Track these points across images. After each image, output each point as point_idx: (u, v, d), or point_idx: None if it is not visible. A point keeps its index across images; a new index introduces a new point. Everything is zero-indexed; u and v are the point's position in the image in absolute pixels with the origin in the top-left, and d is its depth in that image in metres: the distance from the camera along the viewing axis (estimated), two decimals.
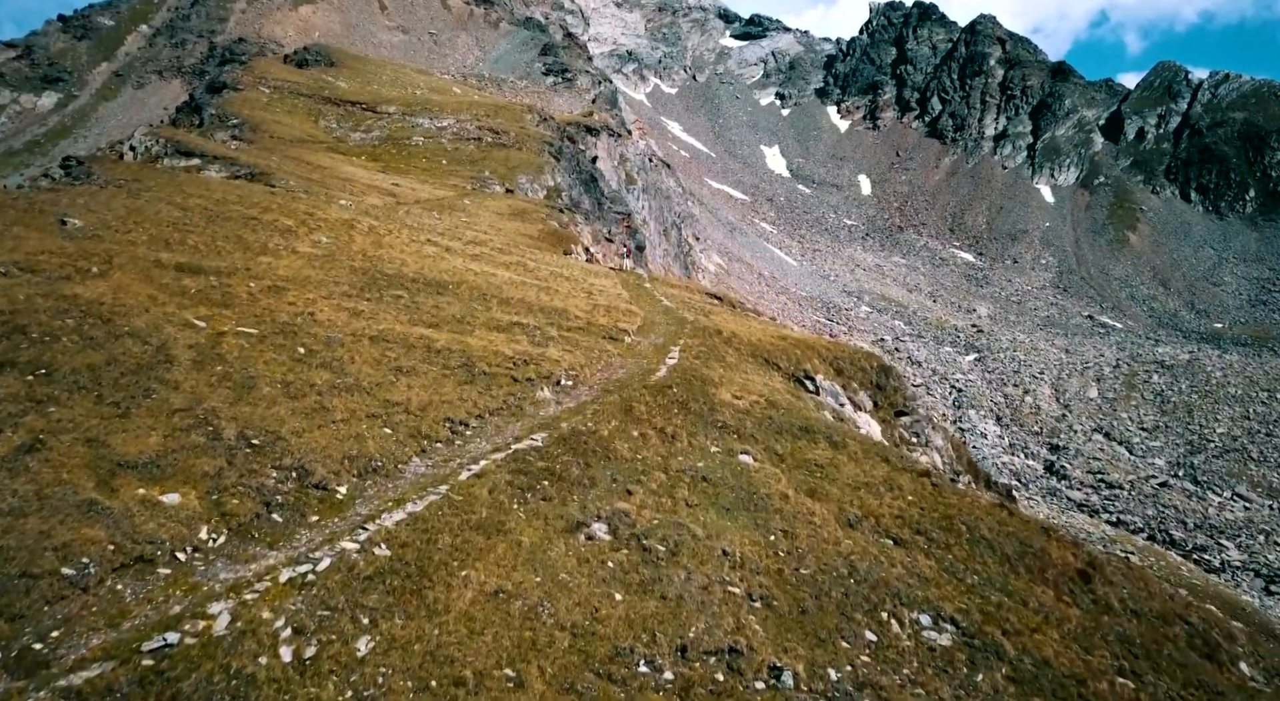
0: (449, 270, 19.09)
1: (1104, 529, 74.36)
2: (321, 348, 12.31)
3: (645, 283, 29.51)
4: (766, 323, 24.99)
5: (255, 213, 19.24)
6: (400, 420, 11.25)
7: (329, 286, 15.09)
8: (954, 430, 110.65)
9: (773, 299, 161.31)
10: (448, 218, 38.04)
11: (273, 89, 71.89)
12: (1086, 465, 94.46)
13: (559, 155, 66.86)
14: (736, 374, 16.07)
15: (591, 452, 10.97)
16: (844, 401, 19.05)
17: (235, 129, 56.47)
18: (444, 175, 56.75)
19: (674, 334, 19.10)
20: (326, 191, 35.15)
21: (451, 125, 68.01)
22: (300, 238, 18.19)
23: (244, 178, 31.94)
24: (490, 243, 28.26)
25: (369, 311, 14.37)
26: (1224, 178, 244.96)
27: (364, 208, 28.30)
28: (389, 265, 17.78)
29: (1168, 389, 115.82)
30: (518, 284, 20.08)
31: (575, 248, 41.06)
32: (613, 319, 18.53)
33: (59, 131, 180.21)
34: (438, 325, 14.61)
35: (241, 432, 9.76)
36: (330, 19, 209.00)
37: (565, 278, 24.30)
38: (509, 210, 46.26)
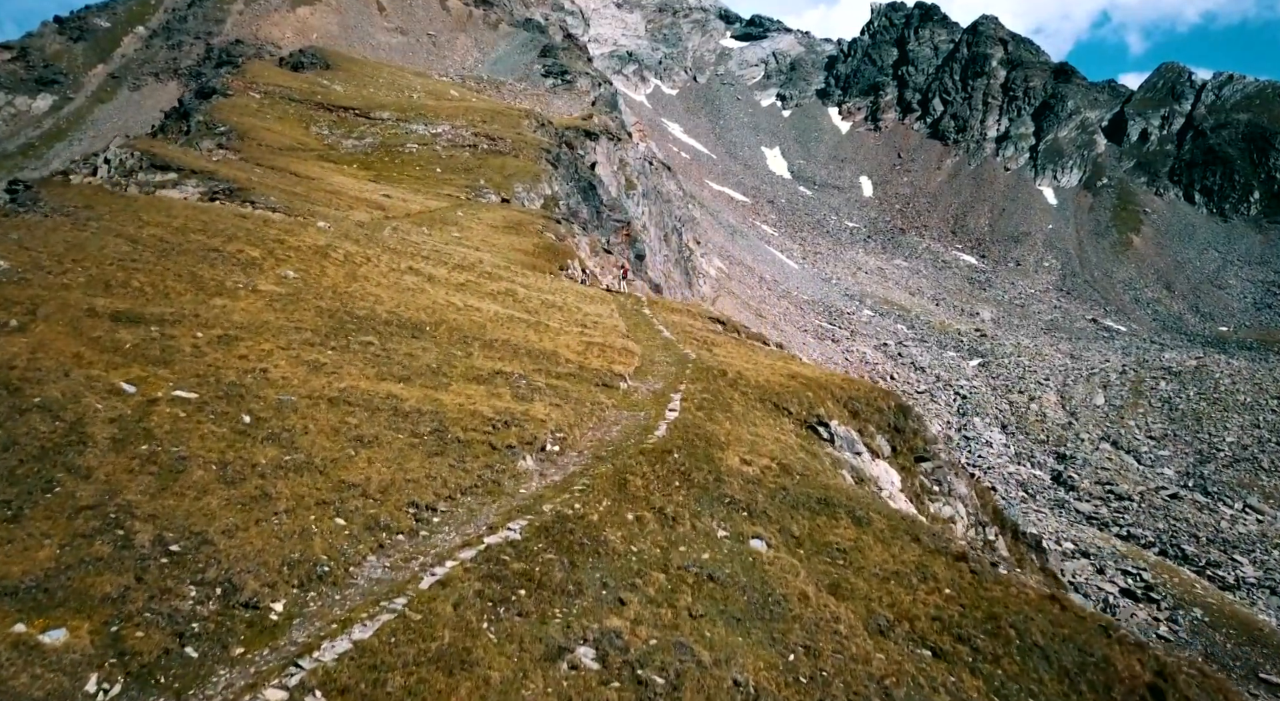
0: (428, 307, 17.45)
1: (1114, 543, 72.71)
2: (271, 414, 10.72)
3: (644, 308, 27.84)
4: (774, 355, 23.38)
5: (218, 243, 17.65)
6: (356, 507, 9.64)
7: (289, 334, 13.50)
8: (958, 437, 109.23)
9: (774, 303, 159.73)
10: (438, 233, 36.41)
11: (264, 94, 70.15)
12: (1095, 475, 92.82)
13: (557, 162, 65.20)
14: (744, 426, 14.49)
15: (578, 546, 9.40)
16: (860, 449, 17.48)
17: (223, 137, 54.80)
18: (438, 184, 55.06)
19: (675, 376, 17.48)
20: (310, 205, 33.51)
21: (447, 131, 66.28)
22: (265, 272, 16.55)
23: (221, 193, 30.34)
24: (479, 266, 26.58)
25: (332, 364, 12.79)
26: (1228, 179, 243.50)
27: (344, 229, 26.64)
28: (361, 304, 16.15)
29: (1175, 396, 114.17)
30: (504, 320, 18.46)
31: (572, 262, 39.44)
32: (607, 360, 16.94)
33: (54, 134, 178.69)
34: (409, 379, 13.00)
35: (159, 536, 8.15)
36: (328, 20, 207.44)
37: (558, 307, 22.65)
38: (504, 222, 44.57)
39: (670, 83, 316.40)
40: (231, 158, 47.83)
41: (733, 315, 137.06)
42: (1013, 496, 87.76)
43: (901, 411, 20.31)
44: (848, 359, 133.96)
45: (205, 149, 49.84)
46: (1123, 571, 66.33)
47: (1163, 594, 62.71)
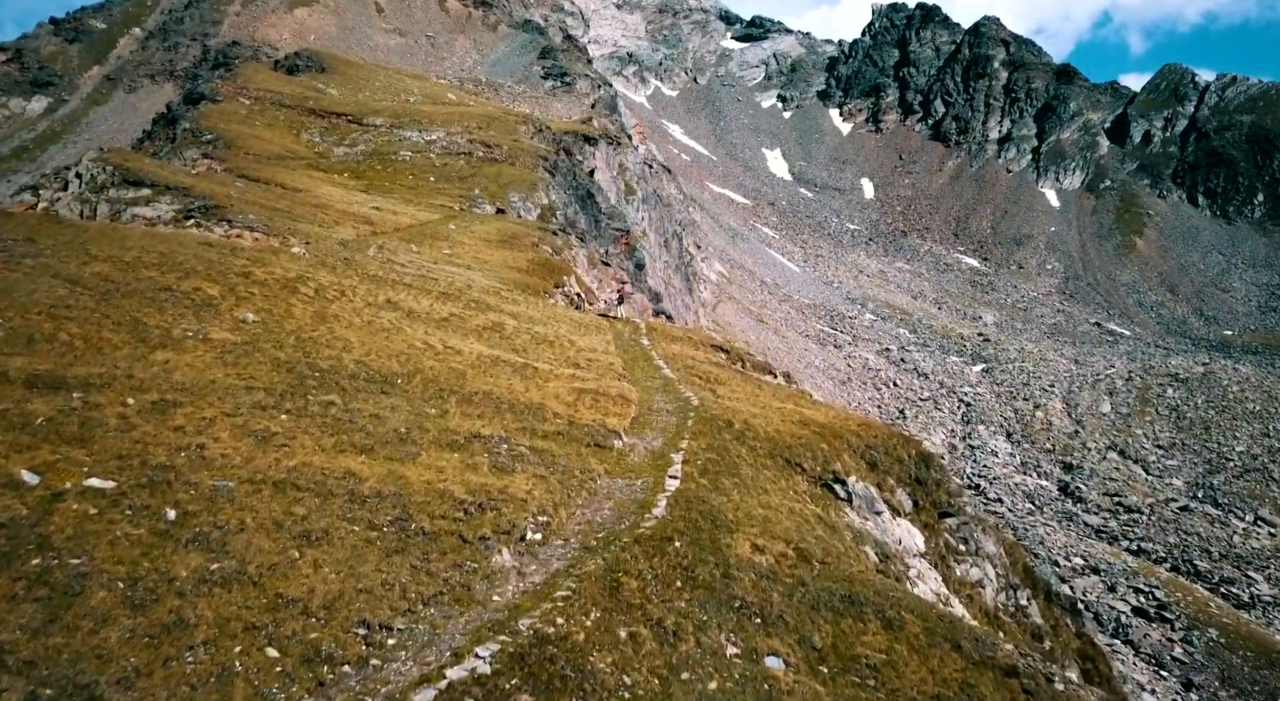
0: (403, 352, 15.78)
1: (1125, 559, 71.05)
2: (202, 507, 9.10)
3: (642, 337, 26.08)
4: (782, 393, 21.72)
5: (172, 280, 15.93)
6: (294, 632, 7.99)
7: (238, 395, 11.88)
8: (962, 446, 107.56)
9: (775, 307, 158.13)
10: (427, 250, 34.74)
11: (254, 100, 68.43)
12: (1102, 486, 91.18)
13: (554, 170, 63.56)
14: (754, 495, 12.90)
15: (560, 681, 7.80)
16: (880, 507, 15.87)
17: (209, 145, 53.07)
18: (431, 194, 53.38)
19: (676, 429, 15.84)
20: (292, 223, 31.82)
21: (441, 138, 64.60)
22: (221, 315, 14.86)
23: (196, 211, 28.70)
24: (466, 293, 24.89)
25: (284, 433, 11.17)
26: (1232, 182, 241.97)
27: (323, 252, 24.97)
28: (326, 352, 14.50)
29: (1183, 404, 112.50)
30: (488, 364, 16.81)
31: (568, 278, 37.79)
32: (600, 412, 15.32)
33: (49, 137, 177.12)
34: (372, 448, 11.37)
35: (32, 695, 6.53)
36: (326, 21, 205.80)
37: (548, 342, 21.00)
38: (498, 235, 42.89)
39: (670, 84, 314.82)
40: (216, 168, 46.21)
41: (734, 321, 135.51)
42: (1019, 508, 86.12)
43: (923, 461, 18.69)
44: (850, 365, 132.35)
45: (190, 158, 48.21)
46: (1135, 589, 64.68)
47: (1176, 613, 61.06)
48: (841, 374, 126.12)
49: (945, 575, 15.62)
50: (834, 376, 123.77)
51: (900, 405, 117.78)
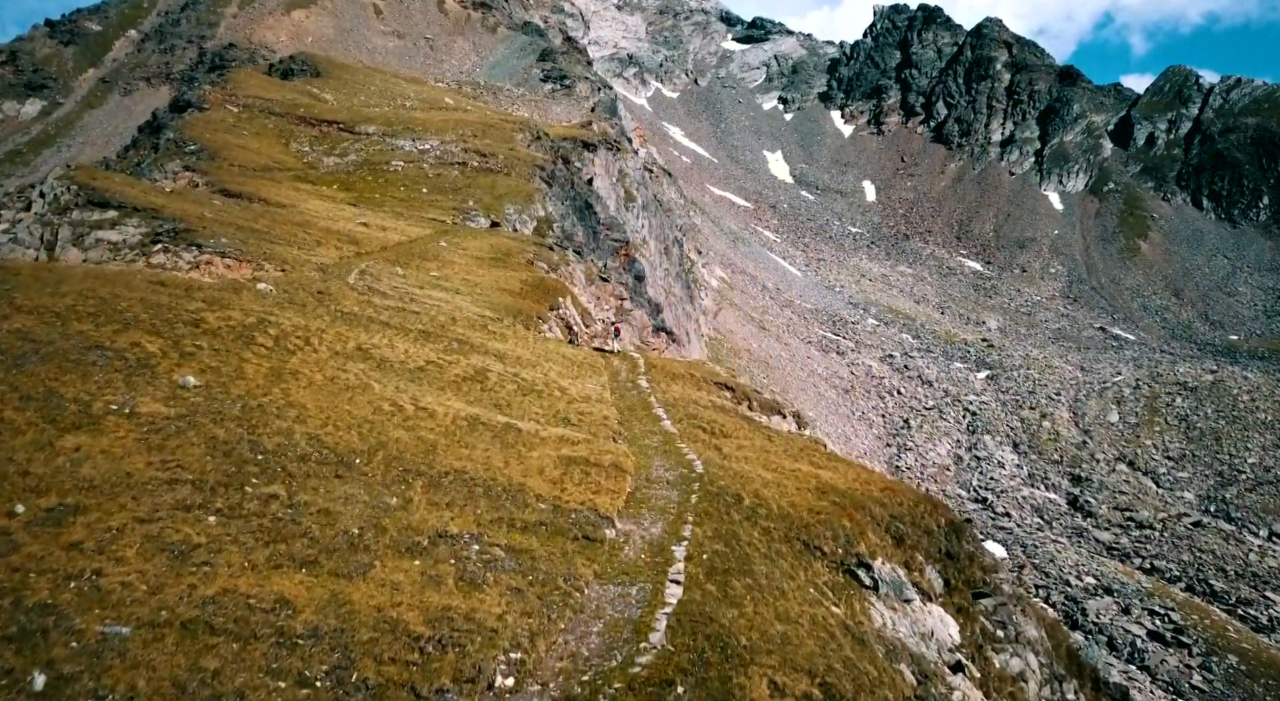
0: (367, 419, 13.83)
1: (1139, 578, 69.13)
2: (83, 668, 7.08)
3: (640, 377, 24.06)
4: (794, 445, 19.83)
5: (107, 334, 13.98)
6: None
7: (158, 493, 9.94)
8: (968, 457, 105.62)
9: (777, 313, 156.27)
10: (414, 273, 32.74)
11: (242, 107, 66.43)
12: (1112, 499, 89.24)
13: (551, 180, 61.64)
14: (769, 602, 11.05)
15: None
16: (910, 594, 14.03)
17: (192, 156, 51.03)
18: (423, 206, 51.36)
19: (678, 509, 13.97)
20: (269, 245, 29.82)
21: (435, 147, 62.61)
22: (157, 378, 13.01)
23: (165, 236, 26.79)
24: (450, 329, 22.92)
25: (208, 545, 9.23)
26: (1236, 184, 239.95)
27: (295, 285, 22.97)
28: (276, 424, 12.56)
29: (1192, 413, 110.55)
30: (464, 428, 14.92)
31: (563, 299, 35.89)
32: (591, 489, 13.44)
33: (42, 140, 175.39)
34: (315, 561, 9.48)
35: None
36: (323, 23, 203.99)
37: (536, 392, 19.06)
38: (491, 252, 40.92)
39: (671, 85, 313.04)
40: (198, 180, 44.25)
41: (736, 329, 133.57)
42: (1028, 523, 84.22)
43: (953, 531, 16.82)
44: (853, 372, 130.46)
45: (171, 170, 46.28)
46: (1149, 611, 62.76)
47: (1194, 637, 59.15)
48: (845, 382, 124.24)
49: (984, 670, 13.81)
50: (837, 385, 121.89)
51: (904, 414, 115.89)
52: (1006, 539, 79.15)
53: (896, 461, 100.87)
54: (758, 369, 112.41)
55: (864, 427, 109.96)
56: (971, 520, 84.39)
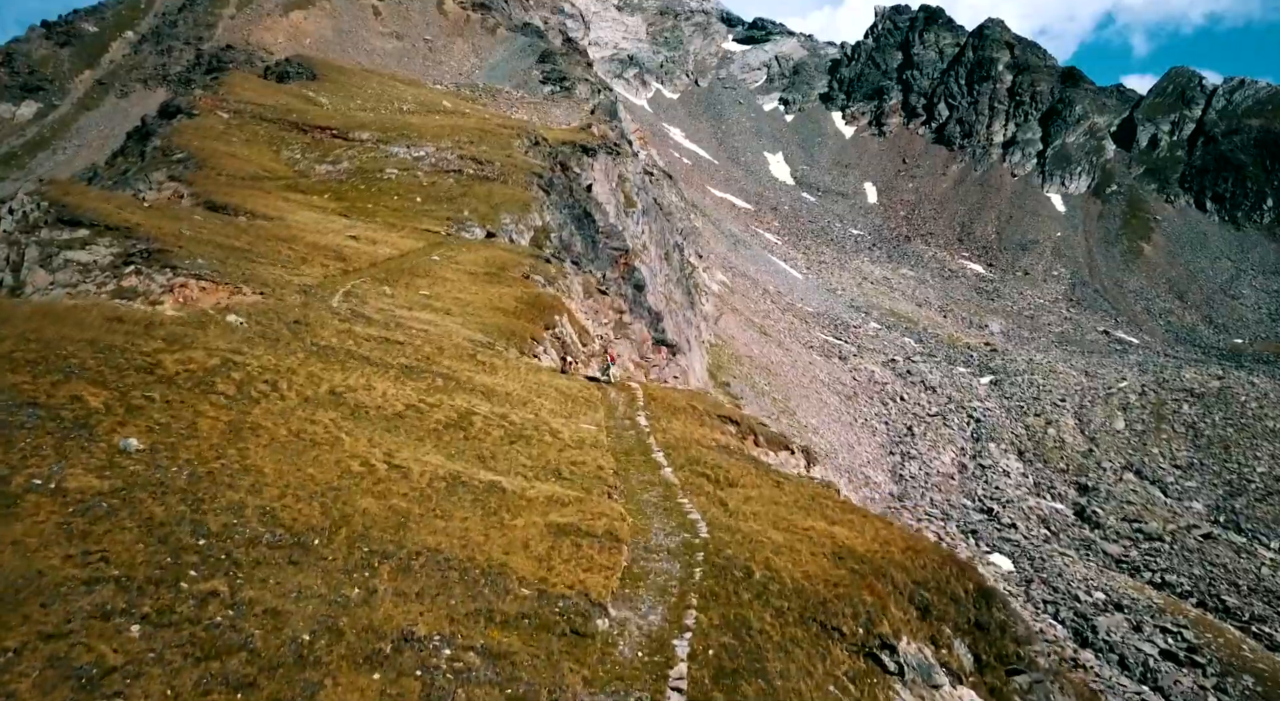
0: (332, 485, 12.43)
1: (1149, 593, 67.72)
2: None
3: (639, 413, 22.51)
4: (806, 494, 18.37)
5: (46, 385, 12.55)
6: None
7: (73, 598, 8.27)
8: (973, 465, 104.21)
9: (779, 318, 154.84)
10: (402, 292, 31.25)
11: (233, 113, 64.84)
12: (1120, 510, 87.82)
13: (549, 188, 60.20)
14: None
15: None
16: (939, 679, 12.67)
17: (179, 165, 49.47)
18: (416, 216, 49.84)
19: (680, 588, 12.54)
20: (249, 265, 28.37)
21: (430, 154, 61.05)
22: (95, 442, 11.58)
23: (138, 256, 25.38)
24: (436, 361, 21.45)
25: (124, 668, 7.40)
26: (1240, 186, 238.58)
27: (269, 314, 21.45)
28: (227, 496, 11.07)
29: (1200, 420, 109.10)
30: (443, 491, 13.49)
31: (560, 317, 34.45)
32: (582, 566, 12.02)
33: (38, 143, 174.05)
34: (253, 684, 7.94)
35: None
36: (322, 25, 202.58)
37: (525, 438, 17.59)
38: (485, 265, 39.43)
39: (671, 86, 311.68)
40: (183, 191, 42.76)
41: (737, 334, 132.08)
42: (1035, 535, 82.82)
43: (983, 598, 15.42)
44: (856, 378, 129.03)
45: (155, 180, 44.80)
46: (1162, 629, 61.36)
47: (1208, 657, 57.73)
48: (847, 388, 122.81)
49: None
50: (840, 391, 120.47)
51: (908, 422, 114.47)
52: (1014, 551, 77.78)
53: (900, 470, 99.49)
54: (759, 375, 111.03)
55: (867, 435, 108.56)
56: (978, 531, 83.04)
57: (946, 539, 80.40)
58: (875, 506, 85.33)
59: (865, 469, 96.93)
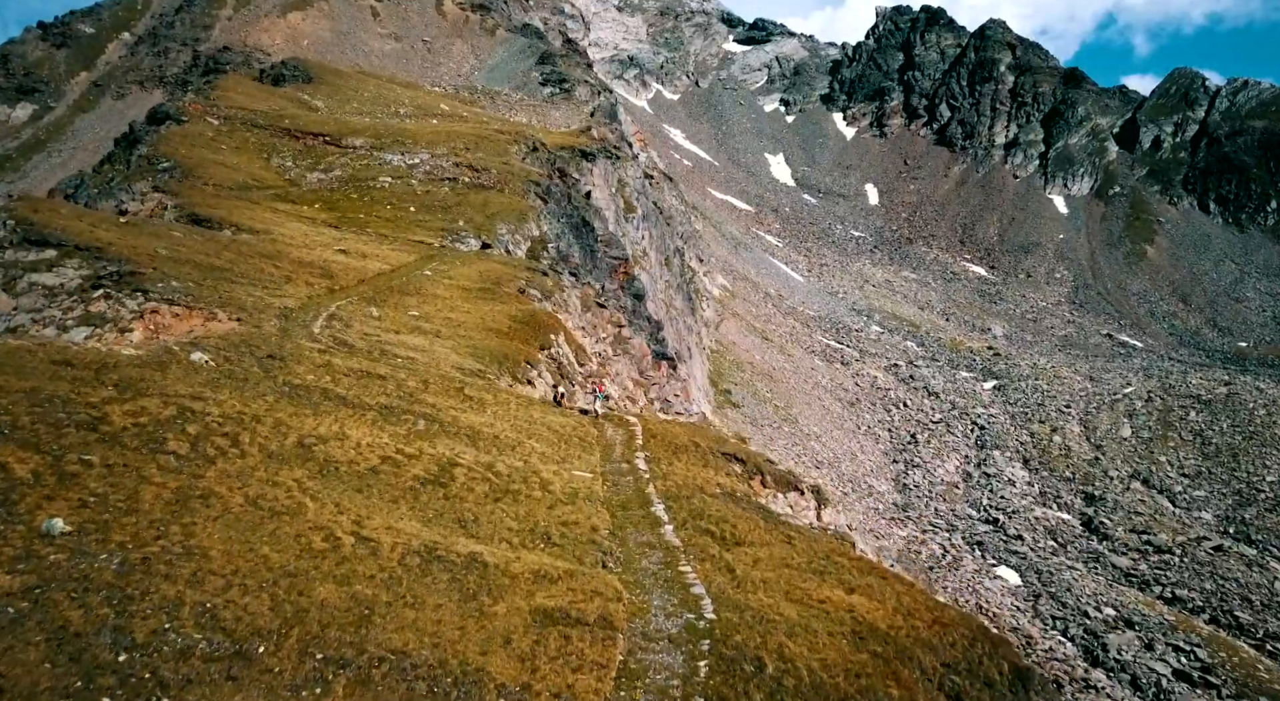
0: (287, 571, 10.95)
1: (1161, 610, 66.24)
2: None
3: (637, 454, 20.96)
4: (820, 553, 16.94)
5: None
6: None
7: None
8: (978, 474, 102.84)
9: (780, 322, 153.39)
10: (390, 313, 29.72)
11: (223, 120, 63.31)
12: (1128, 521, 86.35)
13: (547, 195, 58.74)
14: None
15: None
16: None
17: (165, 174, 47.91)
18: (410, 227, 48.37)
19: (682, 688, 11.08)
20: (227, 287, 26.90)
21: (425, 162, 59.55)
22: (14, 522, 10.10)
23: (108, 279, 23.87)
24: (419, 399, 19.96)
25: None
26: (1244, 188, 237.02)
27: (236, 353, 19.84)
28: (162, 590, 9.57)
29: (1207, 428, 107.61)
30: (415, 571, 11.97)
31: (555, 337, 32.96)
32: (570, 665, 10.50)
33: (33, 145, 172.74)
34: None
35: None
36: (320, 26, 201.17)
37: (512, 494, 16.06)
38: (479, 280, 37.92)
39: (672, 87, 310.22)
40: (166, 203, 41.26)
41: (738, 340, 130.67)
42: (1042, 546, 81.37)
43: (1019, 680, 13.91)
44: (858, 384, 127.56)
45: (138, 191, 43.31)
46: (1174, 647, 59.89)
47: (1222, 677, 56.27)
48: (850, 394, 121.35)
49: None
50: (842, 397, 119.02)
51: (912, 429, 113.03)
52: (1020, 564, 76.34)
53: (904, 478, 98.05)
54: (761, 382, 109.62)
55: (870, 442, 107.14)
56: (983, 543, 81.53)
57: (952, 551, 79.02)
58: (879, 518, 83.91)
59: (868, 478, 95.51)
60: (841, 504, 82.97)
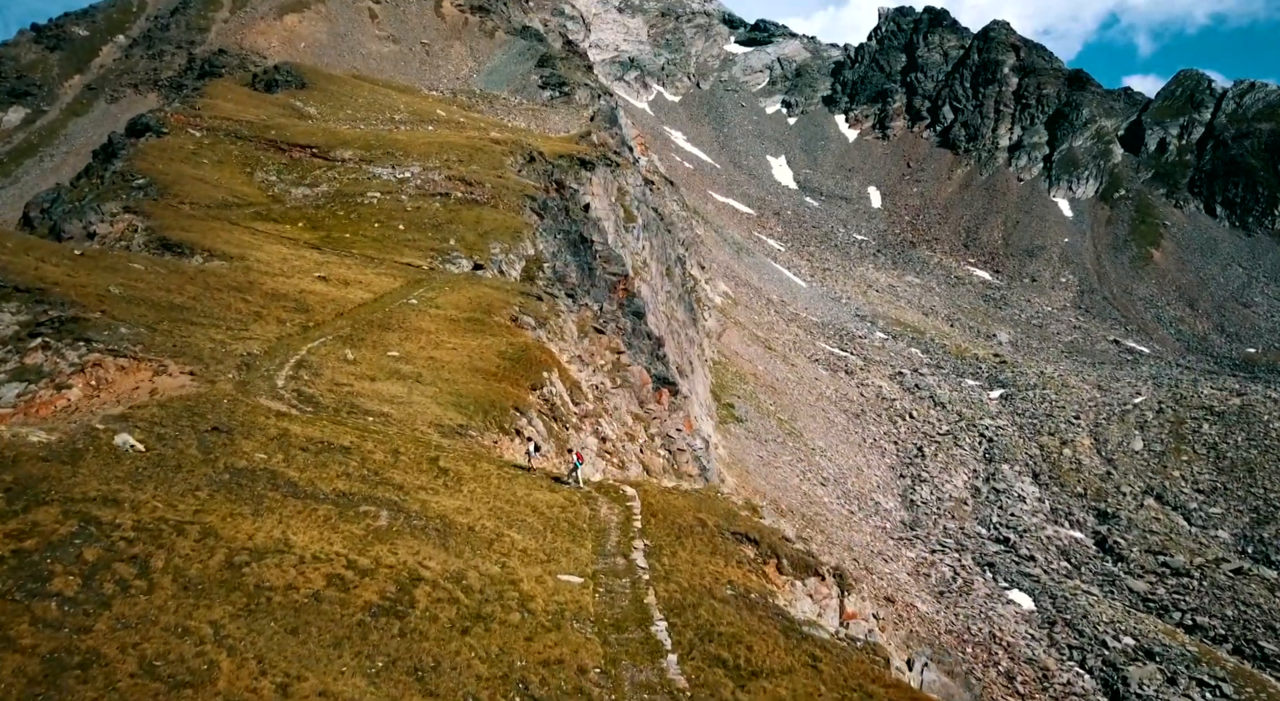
0: None
1: (1182, 639, 63.74)
2: None
3: (635, 544, 18.27)
4: (854, 678, 14.58)
5: None
6: None
7: None
8: (986, 489, 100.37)
9: (783, 330, 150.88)
10: (368, 355, 27.16)
11: (206, 131, 60.58)
12: (1143, 540, 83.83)
13: (543, 210, 56.21)
14: None
15: None
16: None
17: (139, 191, 45.17)
18: (398, 247, 45.73)
19: None
20: (185, 331, 24.39)
21: (416, 175, 56.91)
22: None
23: (48, 325, 21.41)
24: (387, 474, 17.33)
25: None
26: (1251, 191, 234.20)
27: (172, 430, 17.05)
28: None
29: (1221, 441, 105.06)
30: None
31: (548, 375, 30.47)
32: None
33: (24, 149, 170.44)
34: None
35: None
36: (317, 28, 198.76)
37: (484, 620, 13.21)
38: (469, 309, 35.32)
39: (673, 89, 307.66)
40: (138, 225, 38.64)
41: (741, 350, 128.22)
42: (1055, 568, 78.87)
43: None
44: (863, 394, 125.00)
45: (109, 212, 40.70)
46: (1198, 681, 57.41)
47: None
48: (855, 405, 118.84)
49: None
50: (847, 409, 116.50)
51: (918, 441, 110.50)
52: (1034, 588, 73.85)
53: (911, 494, 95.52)
54: (764, 394, 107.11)
55: (876, 456, 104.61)
56: (994, 564, 79.05)
57: (962, 573, 76.56)
58: (887, 538, 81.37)
59: (875, 495, 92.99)
60: (848, 525, 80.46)
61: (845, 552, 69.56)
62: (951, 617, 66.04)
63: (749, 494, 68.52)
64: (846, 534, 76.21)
